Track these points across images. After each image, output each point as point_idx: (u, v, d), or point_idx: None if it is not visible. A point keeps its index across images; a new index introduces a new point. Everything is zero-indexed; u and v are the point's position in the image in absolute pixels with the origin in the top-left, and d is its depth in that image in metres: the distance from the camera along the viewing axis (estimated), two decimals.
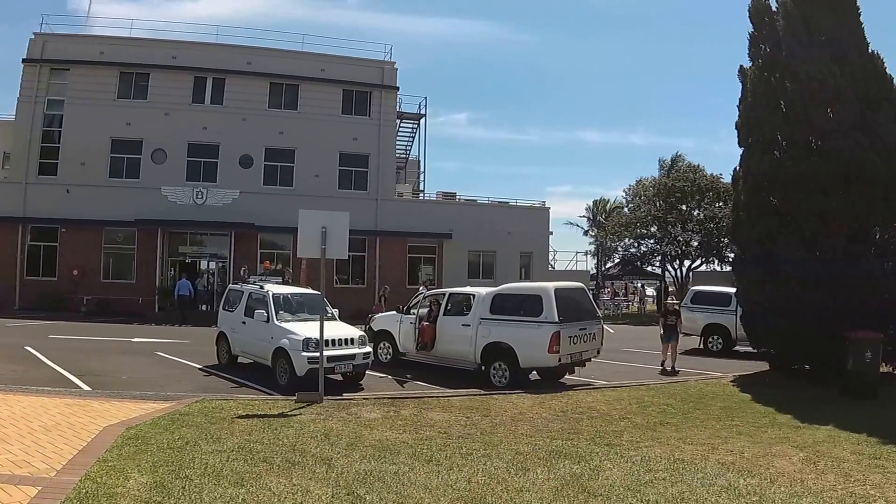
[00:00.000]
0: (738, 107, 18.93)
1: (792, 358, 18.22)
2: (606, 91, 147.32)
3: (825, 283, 16.08)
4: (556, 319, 15.79)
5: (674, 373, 18.94)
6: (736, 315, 21.31)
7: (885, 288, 16.30)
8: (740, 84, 19.06)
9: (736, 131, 18.96)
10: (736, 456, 9.99)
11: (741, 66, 18.96)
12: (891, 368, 17.72)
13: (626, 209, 54.74)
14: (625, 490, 8.20)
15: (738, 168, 19.06)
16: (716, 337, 24.36)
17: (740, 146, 18.87)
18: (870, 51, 17.91)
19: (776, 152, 17.76)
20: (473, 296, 17.61)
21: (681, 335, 20.43)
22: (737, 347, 23.08)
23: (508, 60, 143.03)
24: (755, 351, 19.62)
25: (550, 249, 49.06)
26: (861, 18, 18.02)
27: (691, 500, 7.90)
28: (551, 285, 17.03)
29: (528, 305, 16.46)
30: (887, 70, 17.89)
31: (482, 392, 15.14)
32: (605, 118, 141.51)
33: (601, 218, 62.36)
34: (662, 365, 19.89)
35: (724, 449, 10.42)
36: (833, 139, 16.60)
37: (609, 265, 57.00)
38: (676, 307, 21.13)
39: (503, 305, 16.89)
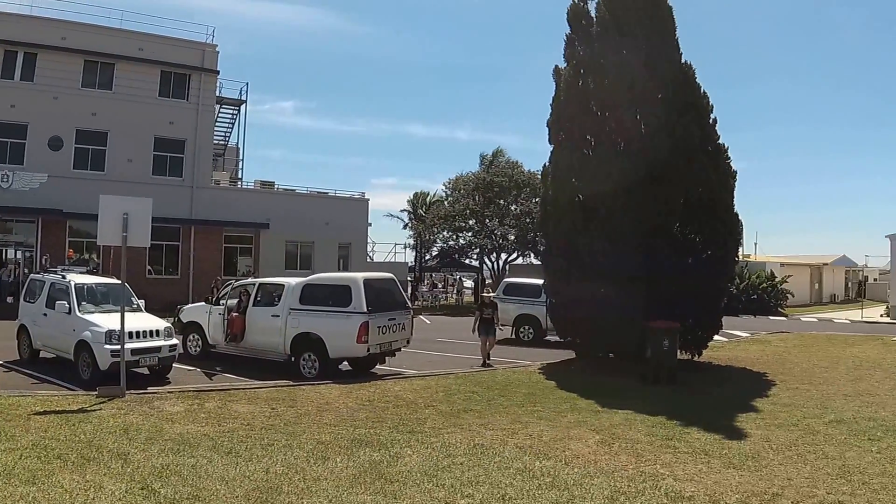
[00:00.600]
0: (552, 105, 19.30)
1: (596, 347, 18.90)
2: (434, 85, 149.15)
3: (627, 276, 16.79)
4: (365, 309, 15.74)
5: (488, 366, 18.64)
6: (546, 306, 21.71)
7: (684, 281, 17.04)
8: (555, 83, 19.40)
9: (547, 129, 19.36)
10: (534, 440, 10.22)
11: (556, 66, 19.35)
12: (690, 356, 18.64)
13: (445, 202, 55.19)
14: (422, 475, 8.30)
15: (547, 164, 19.45)
16: (527, 327, 25.00)
17: (550, 143, 19.30)
18: (682, 61, 18.81)
19: (585, 150, 18.28)
20: (283, 286, 17.23)
21: (499, 329, 20.45)
22: (548, 337, 23.60)
23: (338, 50, 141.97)
24: (562, 340, 20.09)
25: (369, 241, 49.01)
26: (676, 31, 18.87)
27: (486, 483, 8.01)
28: (360, 275, 16.97)
29: (337, 295, 16.30)
30: (697, 80, 18.89)
31: (291, 383, 14.94)
32: (432, 112, 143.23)
33: (421, 211, 62.64)
34: (484, 362, 19.07)
35: (524, 433, 10.62)
36: (639, 140, 17.33)
37: (428, 258, 57.32)
38: (493, 299, 21.00)
39: (313, 295, 16.67)
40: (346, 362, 16.78)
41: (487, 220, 49.56)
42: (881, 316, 43.98)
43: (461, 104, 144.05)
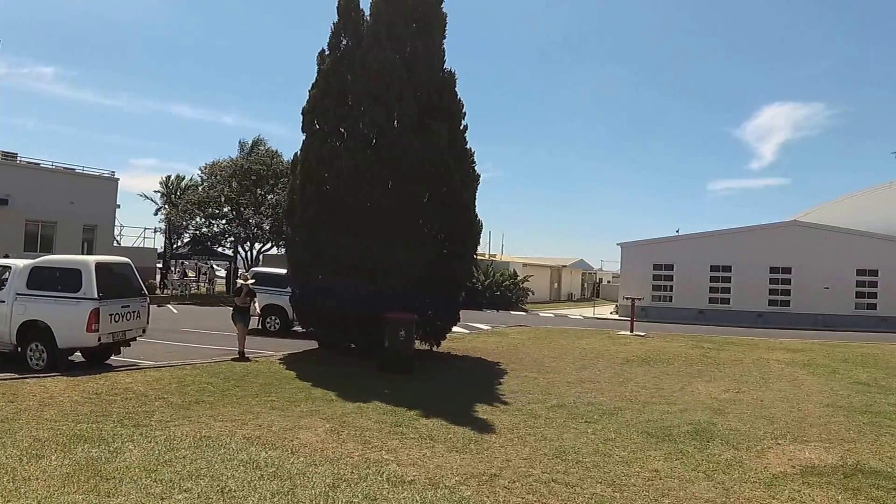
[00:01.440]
0: (309, 92, 19.12)
1: (337, 337, 18.98)
2: (205, 67, 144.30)
3: (368, 268, 17.11)
4: (96, 296, 14.73)
5: (245, 358, 17.62)
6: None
7: (424, 275, 17.49)
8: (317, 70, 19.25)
9: (302, 117, 19.15)
10: (264, 430, 10.08)
11: (322, 51, 19.14)
12: (429, 346, 19.14)
13: (200, 188, 53.37)
14: (141, 471, 7.92)
15: (298, 153, 19.24)
16: (273, 317, 24.68)
17: (304, 132, 19.11)
18: (444, 67, 19.40)
19: (337, 142, 18.28)
20: (9, 268, 15.78)
21: (254, 317, 20.08)
22: (295, 328, 23.36)
23: (109, 17, 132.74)
24: (304, 331, 20.01)
25: (117, 224, 46.39)
26: (444, 39, 19.50)
27: (207, 476, 7.80)
28: (92, 259, 15.96)
29: (67, 280, 15.07)
30: (456, 87, 19.55)
31: (15, 376, 13.64)
32: (200, 94, 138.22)
33: (175, 195, 60.33)
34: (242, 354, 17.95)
35: (254, 424, 10.46)
36: (390, 137, 17.57)
37: (179, 244, 55.25)
38: (252, 286, 19.47)
39: (42, 280, 15.27)
40: (79, 353, 15.61)
41: (243, 209, 48.59)
42: (611, 313, 47.45)
43: (229, 88, 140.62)
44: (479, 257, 52.99)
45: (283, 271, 22.32)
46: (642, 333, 29.38)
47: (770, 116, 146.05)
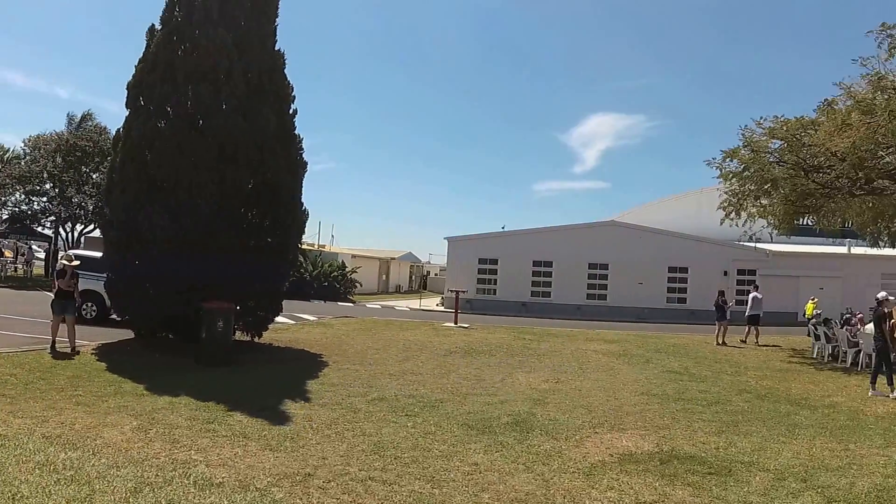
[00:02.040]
0: (136, 66, 18.06)
1: (154, 327, 18.28)
2: (42, 32, 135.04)
3: (188, 255, 16.38)
4: None
5: (76, 352, 16.28)
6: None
7: (246, 263, 17.08)
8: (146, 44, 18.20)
9: (127, 92, 18.04)
10: (66, 428, 9.45)
11: (152, 26, 18.14)
12: (251, 337, 18.69)
13: (22, 162, 49.63)
14: None
15: (120, 130, 18.20)
16: (90, 304, 22.90)
17: (127, 108, 18.00)
18: (275, 48, 18.81)
19: (160, 120, 17.38)
20: None
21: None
22: (113, 315, 22.09)
23: None
24: (121, 319, 19.05)
25: None
26: (277, 18, 18.93)
27: None
28: None
29: None
30: (285, 70, 19.07)
31: None
32: (35, 63, 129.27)
33: None
34: (72, 350, 16.37)
35: (56, 421, 9.80)
36: (216, 118, 16.94)
37: None
38: (76, 270, 17.64)
39: None
40: None
41: (66, 186, 45.84)
42: (437, 305, 47.97)
43: (66, 59, 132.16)
44: (308, 247, 52.85)
45: (100, 254, 20.96)
46: (466, 325, 29.82)
47: (595, 125, 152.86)
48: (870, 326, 20.11)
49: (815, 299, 27.88)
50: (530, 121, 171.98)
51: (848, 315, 24.32)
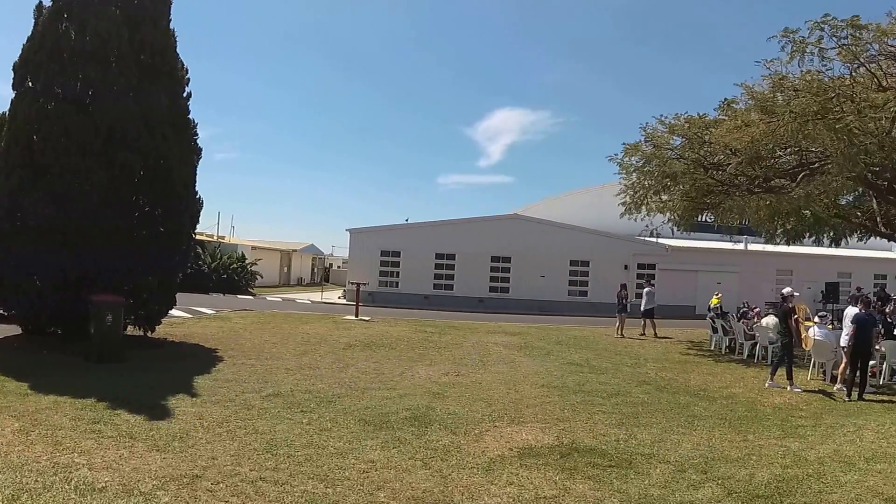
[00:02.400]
0: (24, 46, 17.03)
1: (43, 321, 17.34)
2: None
3: (75, 245, 15.59)
4: None
5: None
6: None
7: (138, 254, 16.40)
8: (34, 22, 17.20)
9: (13, 72, 17.06)
10: None
11: (40, 3, 17.06)
12: (143, 332, 18.04)
13: None
14: None
15: (6, 112, 17.21)
16: None
17: (14, 89, 16.99)
18: (169, 27, 18.09)
19: (48, 102, 16.44)
20: None
21: None
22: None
23: None
24: (6, 314, 18.11)
25: None
26: None
27: None
28: None
29: None
30: (177, 49, 18.36)
31: None
32: None
33: None
34: None
35: None
36: (104, 99, 16.19)
37: None
38: None
39: None
40: None
41: None
42: (339, 298, 47.48)
43: None
44: (207, 238, 51.67)
45: None
46: (367, 318, 29.48)
47: (500, 120, 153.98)
48: (766, 320, 20.68)
49: (720, 294, 28.50)
50: (437, 114, 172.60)
51: (745, 309, 24.86)
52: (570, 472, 8.51)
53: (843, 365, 15.69)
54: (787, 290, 16.77)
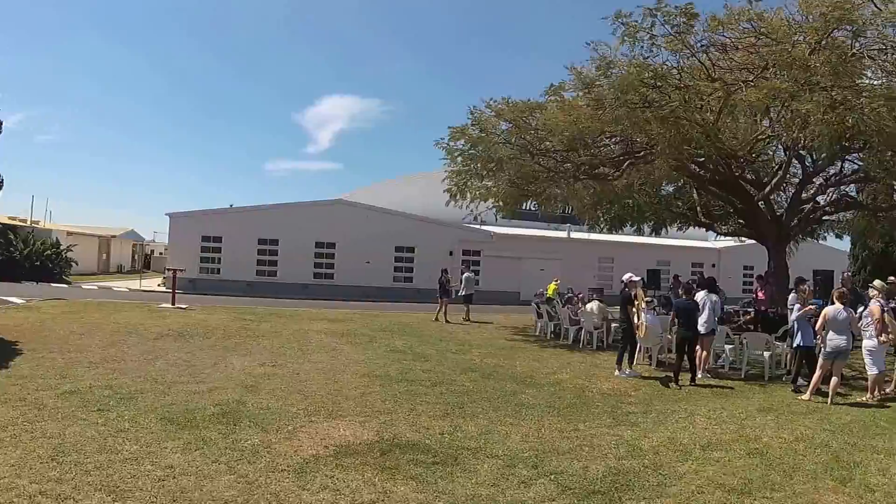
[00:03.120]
0: None
1: None
2: None
3: None
4: None
5: None
6: None
7: None
8: None
9: None
10: None
11: None
12: None
13: None
14: None
15: None
16: None
17: None
18: None
19: None
20: None
21: None
22: None
23: None
24: None
25: None
26: None
27: None
28: None
29: None
30: None
31: None
32: None
33: None
34: None
35: None
36: None
37: None
38: None
39: None
40: None
41: None
42: (158, 285, 45.42)
43: None
44: (20, 223, 48.25)
45: None
46: (185, 306, 27.85)
47: (330, 106, 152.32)
48: (590, 305, 20.77)
49: (558, 280, 28.69)
50: (265, 98, 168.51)
51: (570, 294, 25.03)
52: (391, 471, 7.85)
53: (704, 354, 15.96)
54: (627, 276, 16.68)
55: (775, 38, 16.28)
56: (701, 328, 15.67)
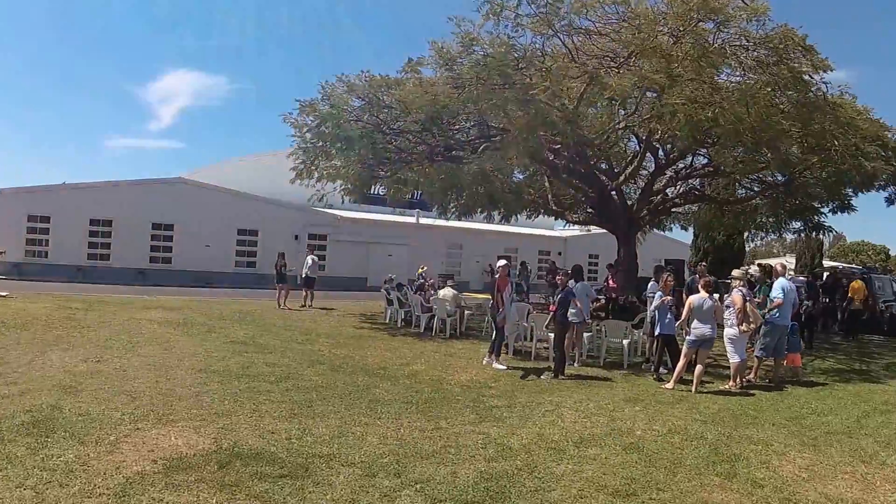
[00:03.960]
0: None
1: None
2: None
3: None
4: None
5: None
6: None
7: None
8: None
9: None
10: None
11: None
12: None
13: None
14: None
15: None
16: None
17: None
18: None
19: None
20: None
21: None
22: None
23: None
24: None
25: None
26: None
27: None
28: None
29: None
30: None
31: None
32: None
33: None
34: None
35: None
36: None
37: None
38: None
39: None
40: None
41: None
42: None
43: None
44: None
45: None
46: (4, 293, 25.40)
47: (174, 82, 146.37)
48: (443, 292, 20.13)
49: (425, 267, 27.89)
50: (101, 70, 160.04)
51: (421, 280, 24.30)
52: (232, 489, 6.75)
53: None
54: (501, 262, 16.03)
55: (638, 27, 16.02)
56: (575, 318, 15.25)
